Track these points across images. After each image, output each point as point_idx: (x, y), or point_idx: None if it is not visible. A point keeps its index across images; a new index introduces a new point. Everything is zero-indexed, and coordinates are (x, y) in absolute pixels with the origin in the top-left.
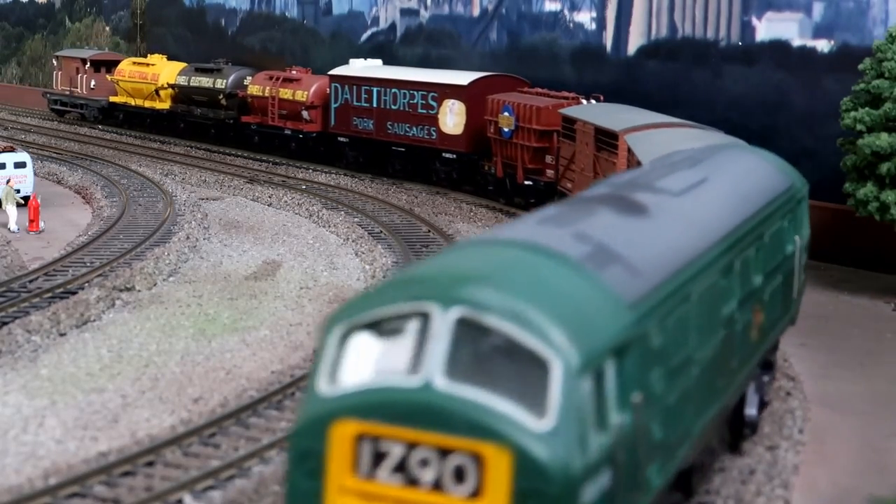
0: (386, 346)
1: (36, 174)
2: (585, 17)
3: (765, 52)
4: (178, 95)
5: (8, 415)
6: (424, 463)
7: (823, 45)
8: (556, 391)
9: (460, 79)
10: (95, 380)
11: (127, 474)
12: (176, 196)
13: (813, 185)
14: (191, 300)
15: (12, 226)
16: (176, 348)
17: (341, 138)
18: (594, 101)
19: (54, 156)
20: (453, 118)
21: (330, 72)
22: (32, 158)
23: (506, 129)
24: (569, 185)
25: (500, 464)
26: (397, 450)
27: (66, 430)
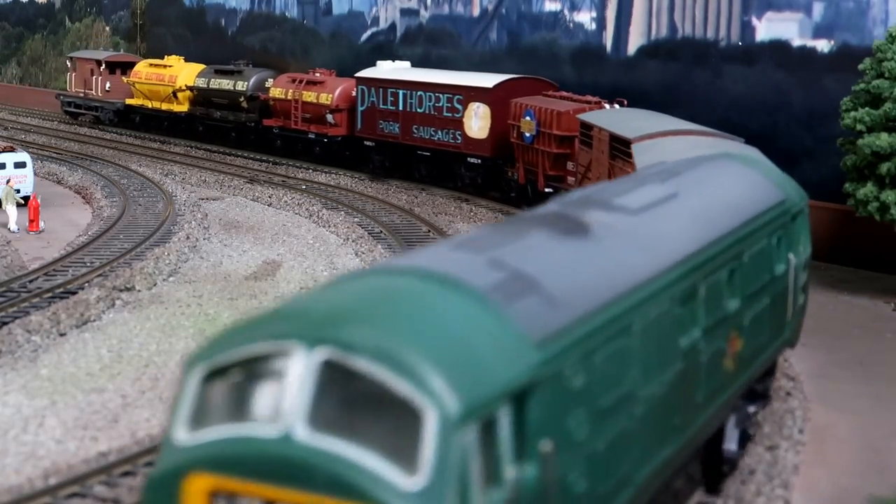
0: (247, 390)
1: (36, 174)
2: (585, 17)
3: (765, 52)
4: (196, 98)
5: (8, 415)
6: None
7: (823, 45)
8: (430, 444)
9: (485, 81)
10: (95, 380)
11: (127, 474)
12: (176, 196)
13: (813, 185)
14: (191, 300)
15: (12, 226)
16: (176, 348)
17: (367, 142)
18: (617, 105)
19: (54, 156)
20: (478, 122)
21: (356, 74)
22: (32, 158)
23: (527, 134)
24: None
25: None
26: None
27: (66, 430)
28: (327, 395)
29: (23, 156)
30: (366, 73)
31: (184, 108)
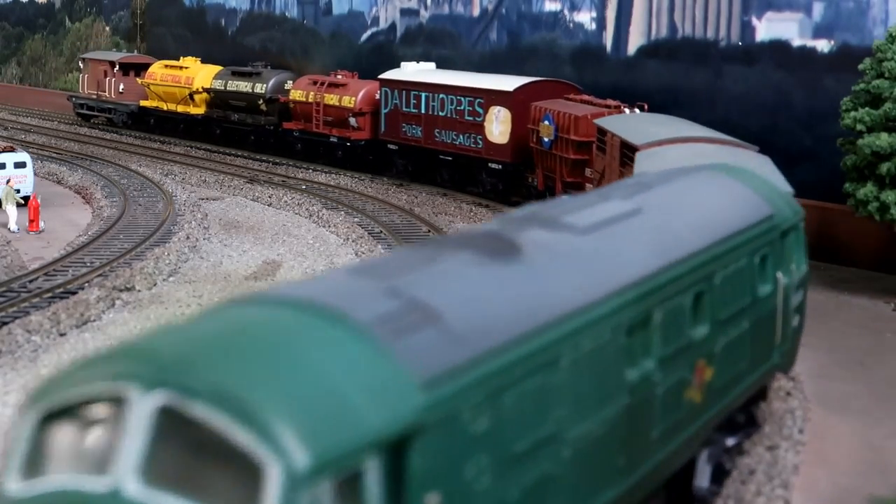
0: (83, 437)
1: (36, 174)
2: (585, 17)
3: (765, 52)
4: (213, 100)
5: (8, 415)
6: None
7: (823, 45)
8: (272, 503)
9: (506, 84)
10: None
11: None
12: (176, 196)
13: (813, 185)
14: (191, 300)
15: (12, 226)
16: None
17: (391, 145)
18: (637, 109)
19: (54, 156)
20: (499, 126)
21: (380, 75)
22: (32, 158)
23: (546, 139)
24: None
25: None
26: None
27: None
28: (164, 445)
29: (23, 156)
30: (389, 74)
31: (200, 110)
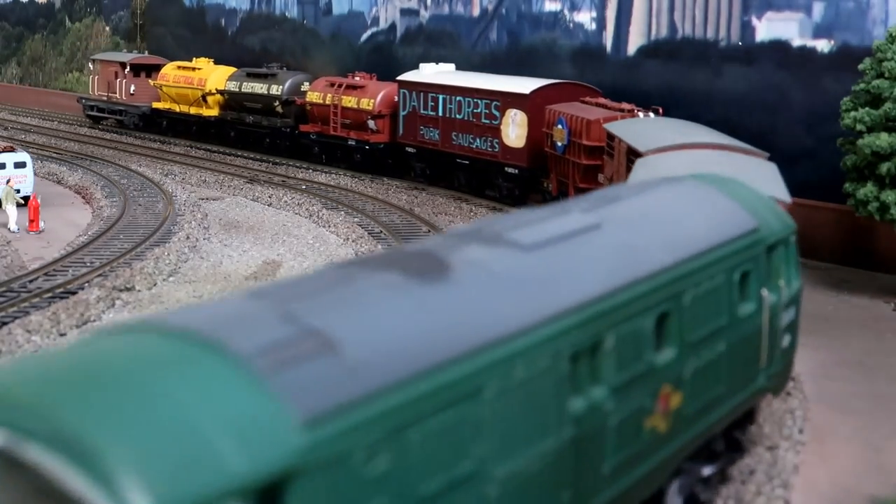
0: None
1: (36, 174)
2: (585, 17)
3: (765, 52)
4: (227, 102)
5: None
6: None
7: (823, 45)
8: None
9: (523, 86)
10: None
11: None
12: (176, 196)
13: (813, 185)
14: (191, 300)
15: (12, 226)
16: None
17: (408, 149)
18: (652, 114)
19: (54, 156)
20: (515, 130)
21: (398, 77)
22: (32, 158)
23: (559, 144)
24: None
25: None
26: None
27: None
28: None
29: (23, 156)
30: (407, 76)
31: (214, 112)
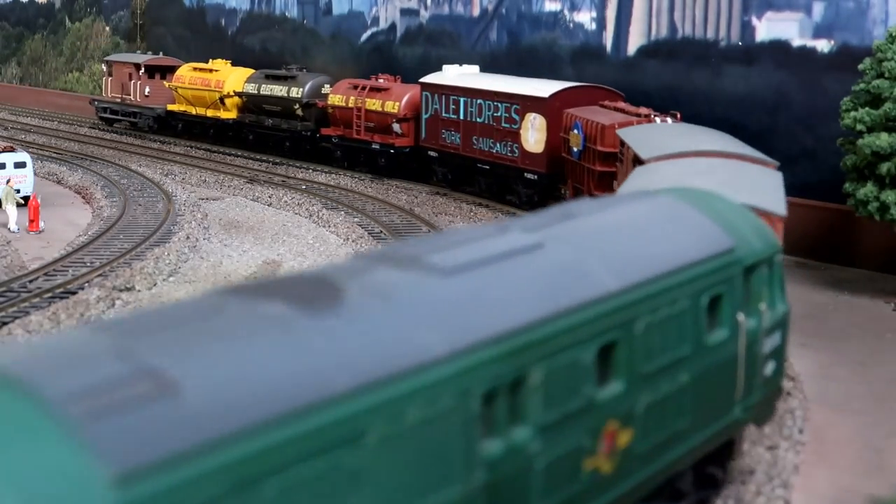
0: None
1: (36, 174)
2: (585, 17)
3: (765, 52)
4: (245, 104)
5: None
6: None
7: (823, 45)
8: None
9: (542, 90)
10: None
11: None
12: (176, 196)
13: (813, 185)
14: None
15: (12, 226)
16: None
17: (431, 152)
18: (669, 119)
19: (54, 156)
20: (535, 134)
21: (421, 79)
22: (32, 158)
23: (575, 149)
24: None
25: None
26: None
27: None
28: None
29: (23, 156)
30: (430, 78)
31: (231, 114)
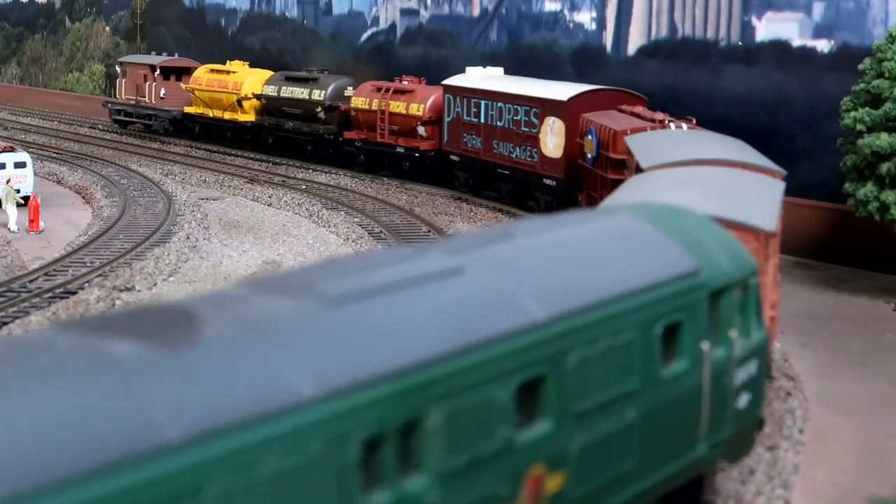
0: None
1: (36, 174)
2: (585, 17)
3: (765, 52)
4: (265, 107)
5: None
6: None
7: (823, 45)
8: None
9: (561, 93)
10: None
11: None
12: (176, 196)
13: (813, 185)
14: None
15: (12, 226)
16: None
17: (453, 156)
18: (685, 125)
19: (54, 156)
20: (553, 139)
21: (444, 81)
22: (32, 158)
23: (589, 156)
24: None
25: None
26: None
27: None
28: None
29: (23, 156)
30: (452, 80)
31: (250, 117)
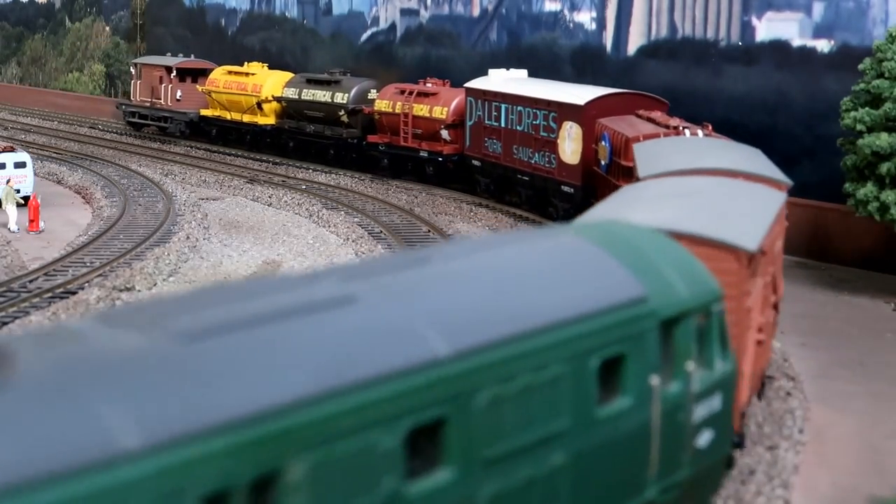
0: None
1: (36, 174)
2: (585, 17)
3: (765, 52)
4: (285, 110)
5: None
6: None
7: (823, 45)
8: None
9: (579, 97)
10: None
11: None
12: (176, 196)
13: (813, 185)
14: None
15: (12, 226)
16: None
17: (474, 161)
18: (700, 132)
19: (54, 156)
20: (571, 144)
21: (466, 84)
22: (32, 158)
23: (602, 162)
24: None
25: None
26: None
27: None
28: None
29: (23, 156)
30: (474, 83)
31: (270, 120)
